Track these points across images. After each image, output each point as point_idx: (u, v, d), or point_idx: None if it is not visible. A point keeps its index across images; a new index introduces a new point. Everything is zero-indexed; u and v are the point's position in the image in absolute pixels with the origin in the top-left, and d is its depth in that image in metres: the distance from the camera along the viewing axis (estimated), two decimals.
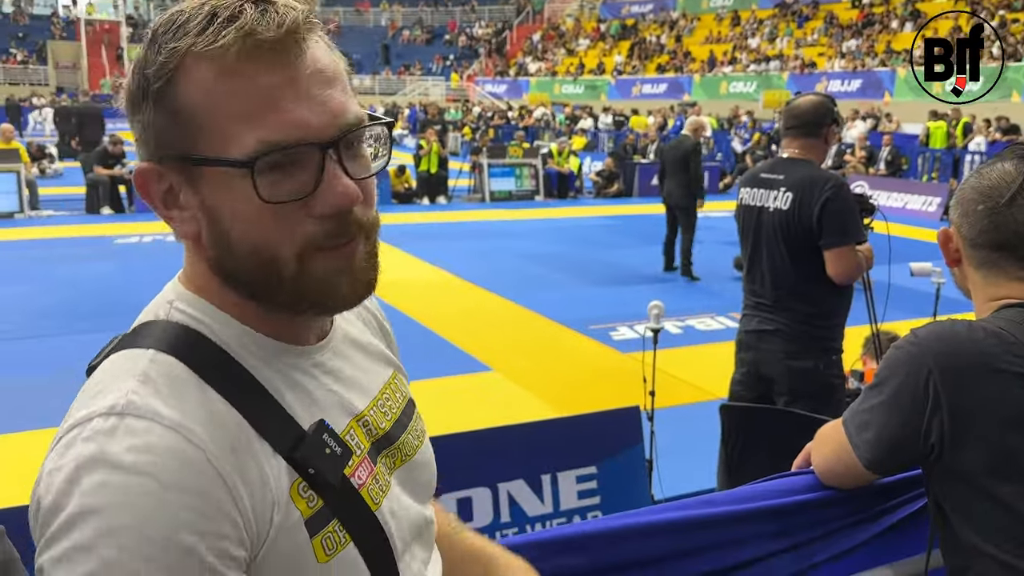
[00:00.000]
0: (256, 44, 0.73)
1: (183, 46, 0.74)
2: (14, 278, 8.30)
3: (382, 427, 0.94)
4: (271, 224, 0.77)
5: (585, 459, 3.13)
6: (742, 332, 3.40)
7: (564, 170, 16.36)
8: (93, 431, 0.71)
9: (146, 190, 0.80)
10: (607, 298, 8.29)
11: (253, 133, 0.74)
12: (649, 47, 35.70)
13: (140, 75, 0.77)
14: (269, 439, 0.79)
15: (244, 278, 0.80)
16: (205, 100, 0.74)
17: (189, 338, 0.80)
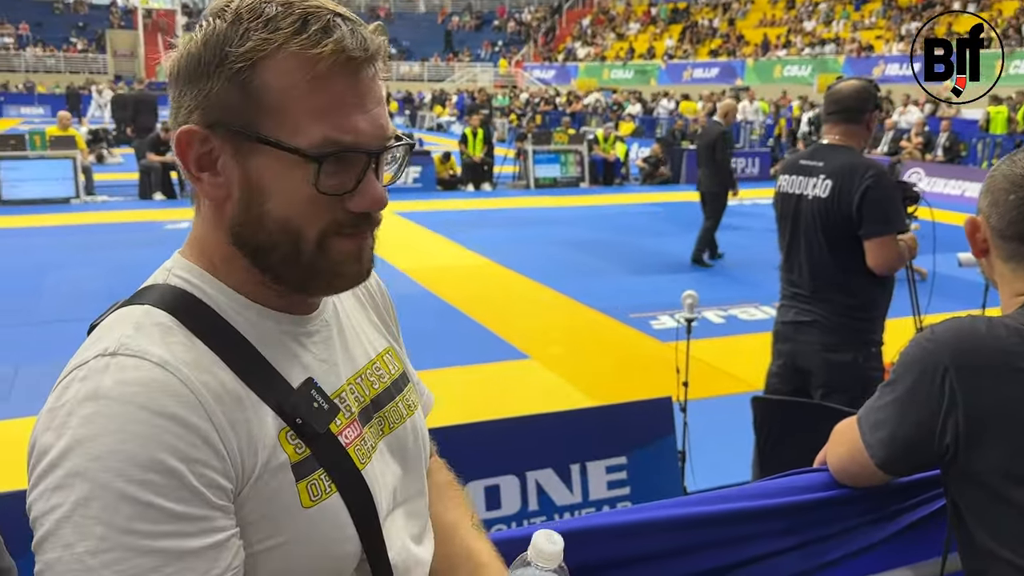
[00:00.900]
0: (346, 59, 0.83)
1: (278, 39, 0.81)
2: (68, 262, 8.52)
3: (369, 395, 0.99)
4: (309, 208, 0.85)
5: (615, 449, 3.10)
6: (779, 323, 3.33)
7: (610, 156, 16.22)
8: (88, 371, 0.77)
9: (184, 148, 0.85)
10: (649, 286, 8.21)
11: (321, 129, 0.83)
12: (701, 31, 35.17)
13: (217, 49, 0.82)
14: (256, 389, 0.84)
15: (265, 249, 0.87)
16: (286, 91, 0.82)
17: (183, 298, 0.87)
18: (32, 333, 6.14)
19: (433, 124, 29.74)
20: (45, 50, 37.51)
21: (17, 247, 9.59)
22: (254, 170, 0.84)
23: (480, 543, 1.12)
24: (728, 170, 8.98)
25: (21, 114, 29.31)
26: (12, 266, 8.56)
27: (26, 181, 12.48)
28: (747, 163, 17.44)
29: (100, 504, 0.71)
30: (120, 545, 0.71)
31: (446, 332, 6.61)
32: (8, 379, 5.12)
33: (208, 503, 0.76)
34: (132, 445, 0.72)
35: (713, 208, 8.93)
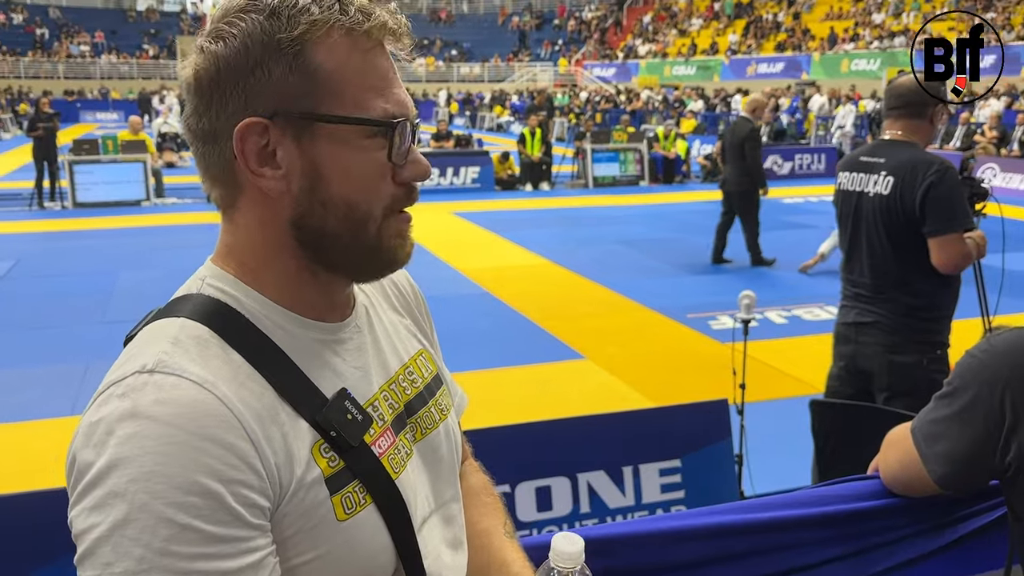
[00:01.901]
0: (387, 34, 0.87)
1: (327, 19, 0.83)
2: (137, 263, 8.79)
3: (402, 400, 0.99)
4: (377, 184, 0.87)
5: (669, 452, 3.05)
6: (840, 324, 3.23)
7: (670, 154, 16.04)
8: (126, 388, 0.76)
9: (244, 142, 0.84)
10: (708, 286, 8.09)
11: (381, 104, 0.86)
12: (765, 25, 34.53)
13: (266, 40, 0.83)
14: (291, 402, 0.84)
15: (329, 232, 0.87)
16: (344, 69, 0.84)
17: (218, 309, 0.86)
18: (103, 332, 6.34)
19: (493, 124, 29.84)
20: (119, 57, 38.78)
21: (90, 248, 9.93)
22: (319, 155, 0.85)
23: (514, 553, 1.11)
24: (759, 168, 8.73)
25: (96, 119, 30.37)
26: (85, 267, 8.87)
27: (99, 184, 12.93)
28: (813, 159, 17.07)
29: (139, 526, 0.71)
30: (158, 567, 0.71)
31: (502, 332, 6.62)
32: (79, 376, 5.30)
33: (246, 523, 0.76)
34: (171, 467, 0.72)
35: (745, 208, 8.69)
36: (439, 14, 46.58)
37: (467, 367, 5.54)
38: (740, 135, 8.56)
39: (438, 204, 12.81)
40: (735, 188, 8.68)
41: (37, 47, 38.61)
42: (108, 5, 45.54)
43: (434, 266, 8.60)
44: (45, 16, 41.69)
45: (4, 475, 4.03)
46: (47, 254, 9.66)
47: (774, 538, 1.36)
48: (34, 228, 11.52)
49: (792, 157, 16.90)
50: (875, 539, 1.34)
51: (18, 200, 13.31)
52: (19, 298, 7.68)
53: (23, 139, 18.34)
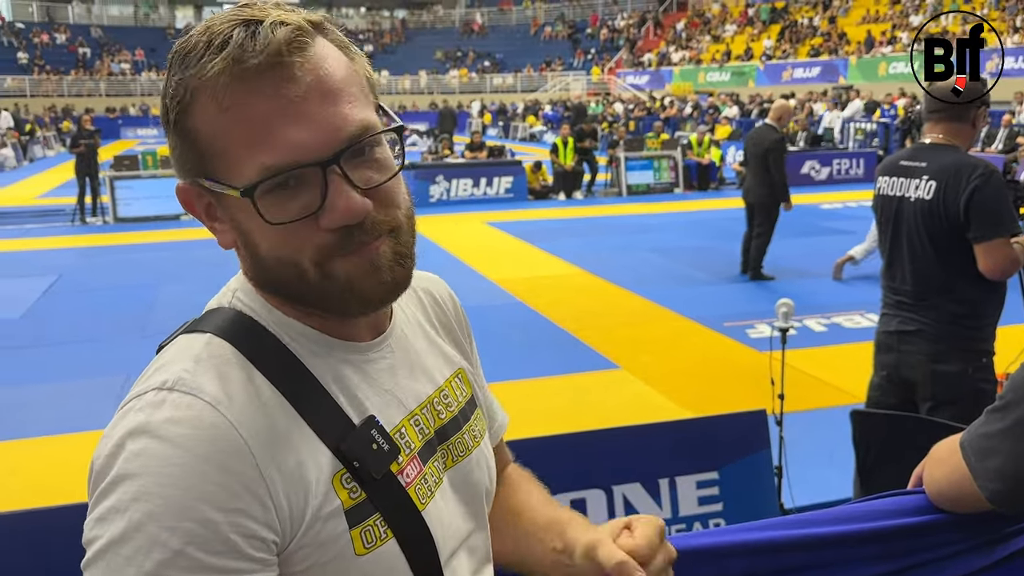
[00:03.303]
0: (243, 71, 0.75)
1: (188, 76, 0.77)
2: (177, 277, 8.90)
3: (434, 426, 0.94)
4: (285, 240, 0.79)
5: (706, 464, 3.00)
6: (881, 333, 3.16)
7: (704, 161, 15.92)
8: (145, 403, 0.76)
9: (189, 204, 0.84)
10: (745, 294, 8.00)
11: (254, 159, 0.76)
12: (801, 30, 34.20)
13: (163, 102, 0.81)
14: (314, 428, 0.80)
15: (276, 284, 0.84)
16: (211, 129, 0.78)
17: (245, 326, 0.84)
18: (143, 345, 6.41)
19: (526, 134, 29.89)
20: (159, 74, 39.51)
21: (130, 262, 10.10)
22: (233, 214, 0.82)
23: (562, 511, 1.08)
24: (784, 182, 8.21)
25: (137, 135, 30.94)
26: (126, 280, 9.02)
27: (139, 199, 13.17)
28: (851, 164, 16.85)
29: (133, 546, 0.70)
30: None
31: (536, 342, 6.60)
32: (119, 388, 5.37)
33: (243, 555, 0.73)
34: (171, 490, 0.71)
35: (765, 219, 8.28)
36: (471, 26, 46.85)
37: (500, 377, 5.52)
38: (763, 145, 8.15)
39: (471, 214, 12.84)
40: (756, 199, 8.33)
41: (80, 66, 39.51)
42: (148, 23, 46.52)
43: (467, 276, 8.60)
44: (87, 35, 42.67)
45: (48, 487, 4.09)
46: (89, 268, 9.84)
47: (816, 555, 1.32)
48: (76, 243, 11.75)
49: (830, 162, 16.69)
50: (923, 556, 1.29)
51: (61, 216, 13.61)
52: (61, 312, 7.83)
53: (66, 156, 18.75)
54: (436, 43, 44.32)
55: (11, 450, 4.72)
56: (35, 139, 26.15)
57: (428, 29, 47.15)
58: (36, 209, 14.78)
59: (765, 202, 8.27)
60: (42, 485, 4.17)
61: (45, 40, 40.86)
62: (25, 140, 25.30)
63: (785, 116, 8.50)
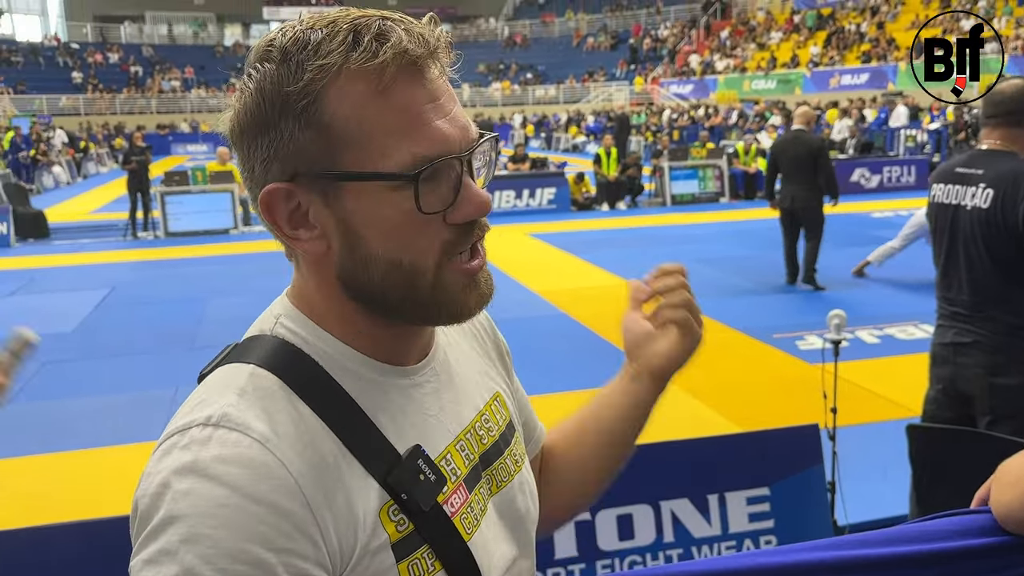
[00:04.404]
0: (410, 62, 0.76)
1: (333, 63, 0.75)
2: (227, 290, 9.04)
3: (479, 451, 0.93)
4: (416, 235, 0.79)
5: (757, 479, 2.94)
6: (936, 345, 3.07)
7: (751, 170, 15.73)
8: (190, 440, 0.74)
9: (271, 210, 0.80)
10: (794, 304, 7.87)
11: (408, 148, 0.76)
12: (848, 36, 33.71)
13: (276, 93, 0.76)
14: (361, 460, 0.79)
15: (378, 291, 0.81)
16: (359, 115, 0.76)
17: (289, 355, 0.82)
18: (192, 358, 6.51)
19: (568, 145, 29.88)
20: (208, 91, 40.36)
21: (181, 276, 10.28)
22: (349, 213, 0.79)
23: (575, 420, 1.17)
24: (836, 178, 8.30)
25: (187, 151, 31.63)
26: (176, 294, 9.18)
27: (189, 214, 13.41)
28: (902, 171, 16.52)
29: None
30: None
31: (580, 354, 6.55)
32: (168, 401, 5.45)
33: None
34: (222, 531, 0.70)
35: (815, 223, 8.18)
36: (514, 38, 47.05)
37: (544, 390, 5.48)
38: (809, 148, 8.09)
39: (514, 226, 12.84)
40: (804, 204, 8.16)
41: (131, 84, 40.52)
42: (197, 42, 47.59)
43: (510, 288, 8.59)
44: (139, 54, 43.77)
45: (100, 498, 4.16)
46: (140, 282, 10.04)
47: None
48: (128, 257, 12.00)
49: (880, 170, 16.39)
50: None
51: (114, 231, 13.94)
52: (113, 325, 8.00)
53: (119, 172, 19.21)
54: (479, 56, 44.58)
55: (62, 461, 4.81)
56: (89, 156, 26.85)
57: (471, 43, 47.44)
58: (89, 224, 15.15)
59: (813, 205, 8.17)
60: (92, 496, 4.24)
61: (99, 59, 42.01)
62: (79, 157, 26.01)
63: (812, 120, 8.60)
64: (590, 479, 1.15)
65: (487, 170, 0.87)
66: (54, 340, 7.40)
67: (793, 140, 8.37)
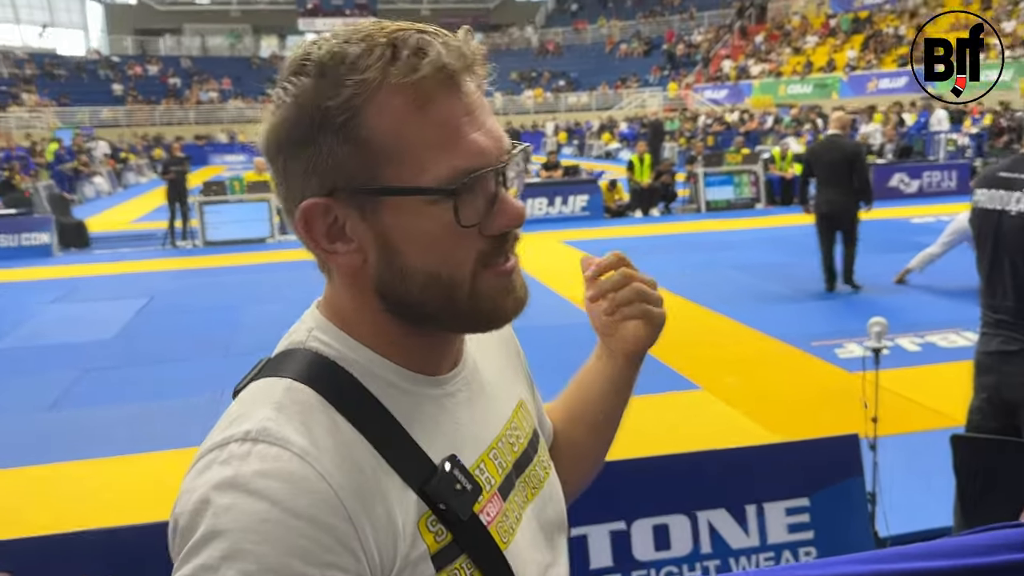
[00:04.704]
0: (448, 75, 0.77)
1: (373, 78, 0.75)
2: (262, 298, 9.12)
3: (511, 459, 0.94)
4: (454, 247, 0.79)
5: (796, 490, 2.89)
6: (980, 353, 3.00)
7: (787, 175, 15.55)
8: (229, 455, 0.74)
9: (309, 225, 0.80)
10: (833, 311, 7.76)
11: (447, 162, 0.77)
12: (886, 39, 33.27)
13: (315, 108, 0.76)
14: (399, 471, 0.79)
15: (415, 302, 0.82)
16: (398, 130, 0.76)
17: (325, 368, 0.82)
18: (229, 365, 6.59)
19: (601, 152, 29.81)
20: (244, 102, 40.92)
21: (218, 284, 10.42)
22: (387, 227, 0.79)
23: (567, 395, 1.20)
24: (871, 185, 8.39)
25: (225, 161, 32.03)
26: (214, 302, 9.30)
27: (227, 223, 13.60)
28: (942, 176, 16.23)
29: None
30: None
31: None
32: (205, 408, 5.51)
33: None
34: (264, 547, 0.69)
35: (852, 227, 8.23)
36: (547, 46, 47.11)
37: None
38: (846, 153, 8.10)
39: (546, 233, 12.83)
40: (841, 208, 8.17)
41: (170, 95, 41.22)
42: (234, 53, 48.30)
43: (543, 295, 8.57)
44: (177, 67, 44.53)
45: (139, 504, 4.21)
46: (179, 291, 10.19)
47: None
48: (167, 266, 12.20)
49: (920, 175, 16.12)
50: None
51: (153, 240, 14.17)
52: (152, 333, 8.12)
53: (158, 182, 19.53)
54: (511, 64, 44.69)
55: (103, 467, 4.88)
56: (129, 166, 27.35)
57: (504, 51, 47.60)
58: (129, 234, 15.43)
59: (851, 208, 8.19)
60: (130, 502, 4.29)
61: (138, 72, 42.81)
62: (120, 168, 26.50)
63: (848, 125, 8.72)
64: (587, 461, 1.19)
65: (519, 180, 0.87)
66: (95, 347, 7.54)
67: (829, 145, 8.37)
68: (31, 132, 29.52)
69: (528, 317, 1.10)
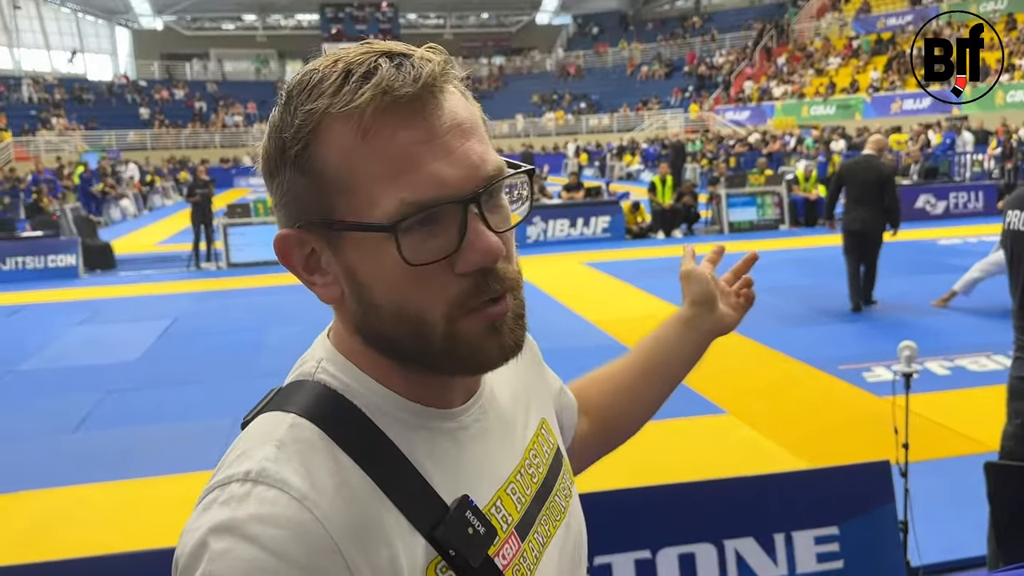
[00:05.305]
0: (393, 100, 0.72)
1: (320, 107, 0.72)
2: (285, 319, 9.12)
3: (530, 494, 0.89)
4: (416, 286, 0.74)
5: (825, 518, 2.83)
6: (1014, 378, 2.94)
7: (812, 196, 15.45)
8: (229, 496, 0.72)
9: (287, 256, 0.79)
10: (859, 334, 7.65)
11: (395, 194, 0.72)
12: (909, 60, 33.12)
13: (278, 138, 0.75)
14: (407, 513, 0.75)
15: (391, 340, 0.78)
16: (345, 162, 0.73)
17: (332, 403, 0.79)
18: (251, 387, 6.53)
19: (623, 173, 29.81)
20: None
21: (242, 306, 10.47)
22: (351, 260, 0.76)
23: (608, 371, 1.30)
24: (900, 208, 8.52)
25: (249, 184, 32.30)
26: (237, 324, 9.34)
27: (251, 245, 13.68)
28: (969, 197, 16.06)
29: None
30: None
31: None
32: (226, 431, 5.50)
33: None
34: None
35: (875, 249, 8.36)
36: (567, 69, 47.30)
37: None
38: (879, 174, 8.22)
39: (568, 255, 12.80)
40: (872, 228, 8.27)
41: (196, 119, 41.79)
42: (260, 78, 48.95)
43: (564, 317, 8.53)
44: (203, 91, 45.18)
45: (157, 528, 4.19)
46: (203, 313, 10.24)
47: None
48: (191, 288, 12.27)
49: (946, 196, 15.96)
50: None
51: (178, 262, 14.30)
52: (176, 355, 8.16)
53: (183, 204, 19.74)
54: (532, 87, 44.91)
55: (126, 490, 4.88)
56: (155, 189, 27.69)
57: (525, 74, 47.86)
58: (154, 256, 15.56)
59: (879, 230, 8.32)
60: (152, 525, 4.28)
61: (165, 96, 43.46)
62: (146, 190, 26.83)
63: (884, 148, 8.77)
64: (650, 411, 1.28)
65: (521, 205, 0.82)
66: (118, 369, 7.58)
67: (864, 164, 8.47)
68: (60, 156, 29.97)
69: (551, 339, 1.06)
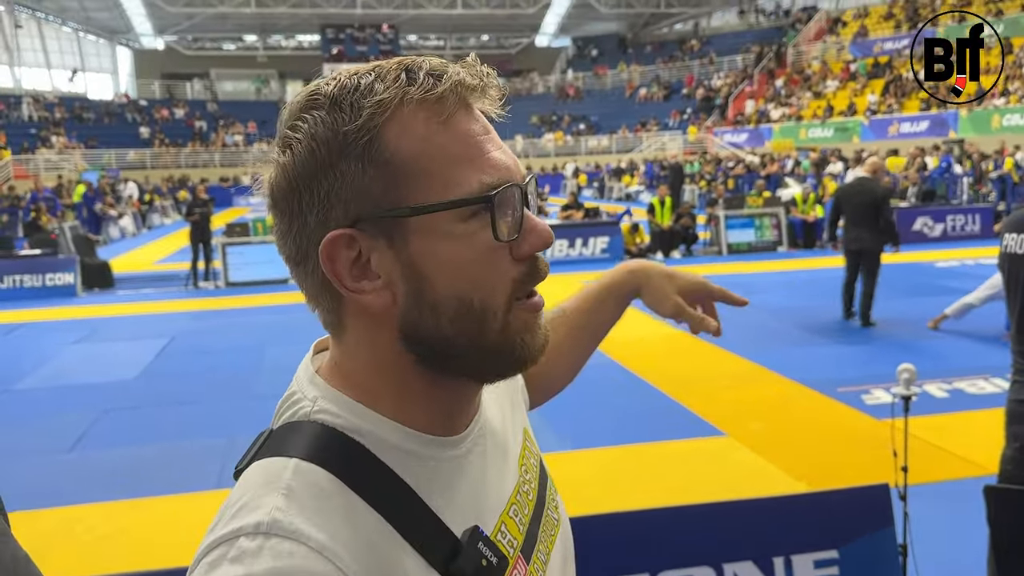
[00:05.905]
0: (469, 92, 0.77)
1: (392, 96, 0.74)
2: (283, 339, 9.09)
3: (528, 511, 0.90)
4: (488, 270, 0.76)
5: (824, 542, 2.81)
6: (1012, 401, 2.93)
7: (810, 218, 15.50)
8: (239, 551, 0.67)
9: (333, 260, 0.75)
10: (858, 356, 7.64)
11: (475, 175, 0.75)
12: (906, 83, 33.33)
13: (331, 136, 0.74)
14: (422, 552, 0.74)
15: (445, 341, 0.77)
16: (422, 148, 0.74)
17: (336, 443, 0.76)
18: (248, 407, 6.57)
19: (622, 194, 29.91)
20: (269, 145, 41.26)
21: (240, 325, 10.45)
22: (414, 254, 0.74)
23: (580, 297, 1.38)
24: (895, 227, 8.94)
25: (249, 203, 32.36)
26: (235, 343, 9.32)
27: (249, 264, 13.69)
28: (966, 220, 16.12)
29: None
30: None
31: (635, 406, 6.44)
32: (223, 451, 5.48)
33: None
34: None
35: (874, 267, 8.68)
36: (567, 91, 47.57)
37: (598, 443, 5.38)
38: (875, 195, 8.55)
39: (567, 275, 12.80)
40: (871, 247, 8.63)
41: (196, 138, 41.91)
42: (260, 98, 49.16)
43: None
44: (204, 110, 45.33)
45: (155, 549, 4.17)
46: (200, 332, 10.22)
47: None
48: (189, 307, 12.26)
49: (943, 218, 16.01)
50: None
51: (176, 281, 14.29)
52: (173, 374, 8.13)
53: (182, 223, 19.78)
54: (532, 108, 45.12)
55: (122, 510, 4.85)
56: (154, 208, 27.71)
57: (525, 96, 48.11)
58: (153, 275, 15.57)
59: (876, 249, 8.64)
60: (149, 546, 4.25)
61: (165, 115, 43.58)
62: (145, 209, 26.86)
63: (881, 171, 9.07)
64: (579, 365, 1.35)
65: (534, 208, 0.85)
66: (116, 388, 7.56)
67: (859, 187, 8.78)
68: (61, 174, 30.01)
69: None
